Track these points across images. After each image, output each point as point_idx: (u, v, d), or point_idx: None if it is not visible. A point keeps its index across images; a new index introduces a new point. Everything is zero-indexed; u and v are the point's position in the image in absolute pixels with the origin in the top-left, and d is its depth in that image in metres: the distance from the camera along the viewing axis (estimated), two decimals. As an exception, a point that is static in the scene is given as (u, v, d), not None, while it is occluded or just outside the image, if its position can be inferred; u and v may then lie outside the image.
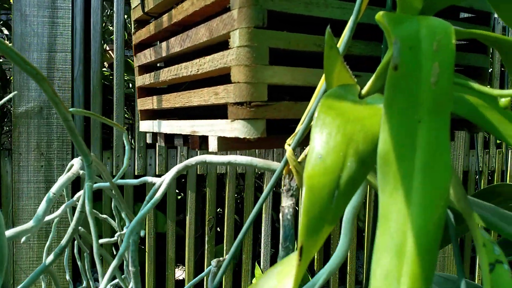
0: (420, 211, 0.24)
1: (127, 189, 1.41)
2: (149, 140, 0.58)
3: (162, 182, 0.40)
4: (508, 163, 1.68)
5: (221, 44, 0.39)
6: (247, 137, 0.36)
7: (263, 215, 1.44)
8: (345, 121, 0.30)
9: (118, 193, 0.48)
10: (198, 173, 1.42)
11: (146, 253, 1.41)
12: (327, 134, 0.29)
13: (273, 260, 1.41)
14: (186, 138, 0.46)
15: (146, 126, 0.57)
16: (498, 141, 1.66)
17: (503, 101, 0.30)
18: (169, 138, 0.51)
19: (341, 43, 0.36)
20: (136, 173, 1.45)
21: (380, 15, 0.28)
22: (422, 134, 0.26)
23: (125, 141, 0.46)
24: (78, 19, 1.42)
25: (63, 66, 1.40)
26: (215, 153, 1.23)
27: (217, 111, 0.42)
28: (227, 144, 0.38)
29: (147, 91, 0.59)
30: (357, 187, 0.29)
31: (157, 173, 1.44)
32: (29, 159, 1.38)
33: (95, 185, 0.46)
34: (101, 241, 0.51)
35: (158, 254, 1.47)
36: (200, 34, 0.41)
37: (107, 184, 0.45)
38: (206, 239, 1.45)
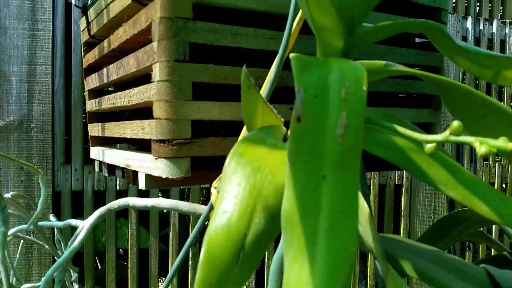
0: (322, 280, 0.22)
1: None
2: (97, 168, 0.55)
3: (84, 227, 0.37)
4: (496, 176, 1.65)
5: (149, 76, 0.36)
6: (170, 177, 0.33)
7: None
8: (256, 170, 0.27)
9: (43, 236, 0.45)
10: (181, 188, 1.39)
11: (129, 270, 1.39)
12: (235, 185, 0.27)
13: None
14: (124, 171, 0.44)
15: (94, 153, 0.55)
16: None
17: (428, 147, 0.27)
18: (112, 169, 0.49)
19: (267, 82, 0.34)
20: (118, 188, 1.42)
21: (291, 58, 0.26)
22: (327, 192, 0.23)
23: (41, 184, 0.43)
24: (58, 32, 1.40)
25: (44, 79, 1.38)
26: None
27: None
28: (155, 182, 0.36)
29: (96, 116, 0.56)
30: (268, 244, 0.26)
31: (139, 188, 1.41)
32: (8, 173, 1.36)
33: (12, 231, 0.43)
34: (25, 286, 0.48)
35: (141, 270, 1.44)
36: (130, 64, 0.38)
37: (25, 226, 0.42)
38: (190, 254, 1.42)
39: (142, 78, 0.38)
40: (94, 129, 0.54)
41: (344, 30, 0.29)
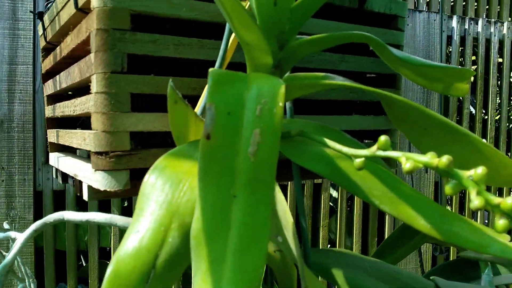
0: (229, 302, 0.21)
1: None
2: (54, 174, 0.55)
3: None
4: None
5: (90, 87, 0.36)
6: (108, 189, 0.33)
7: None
8: (176, 186, 0.27)
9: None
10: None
11: None
12: (152, 202, 0.26)
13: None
14: (73, 180, 0.44)
15: (51, 159, 0.54)
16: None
17: (357, 162, 0.27)
18: (65, 176, 0.49)
19: (203, 95, 0.33)
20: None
21: (209, 72, 0.25)
22: (237, 212, 0.23)
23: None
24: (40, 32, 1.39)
25: (25, 79, 1.37)
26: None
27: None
28: (96, 194, 0.36)
29: (53, 122, 0.56)
30: (184, 264, 0.26)
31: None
32: (-12, 173, 1.35)
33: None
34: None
35: None
36: (75, 74, 0.38)
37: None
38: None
39: (87, 88, 0.38)
40: (51, 135, 0.54)
41: (273, 45, 0.29)
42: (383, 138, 0.26)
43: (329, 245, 1.63)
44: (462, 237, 0.30)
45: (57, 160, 0.49)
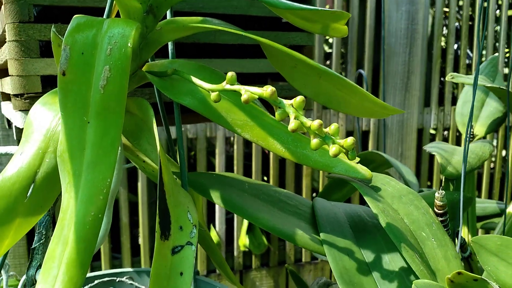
0: (81, 206, 0.27)
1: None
2: (6, 123, 0.60)
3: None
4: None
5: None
6: (26, 127, 0.38)
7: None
8: (52, 118, 0.32)
9: None
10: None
11: None
12: (34, 131, 0.31)
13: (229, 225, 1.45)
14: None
15: (2, 107, 0.59)
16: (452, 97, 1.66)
17: (213, 95, 0.32)
18: (9, 122, 0.54)
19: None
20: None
21: (73, 18, 0.30)
22: (90, 134, 0.28)
23: None
24: None
25: None
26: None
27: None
28: (19, 133, 0.41)
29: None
30: (59, 181, 0.31)
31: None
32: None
33: None
34: None
35: (112, 220, 1.51)
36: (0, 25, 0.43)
37: None
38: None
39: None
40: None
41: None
42: (229, 74, 0.31)
43: (314, 194, 1.69)
44: (312, 159, 0.34)
45: (1, 107, 0.55)
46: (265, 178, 1.57)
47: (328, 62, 1.81)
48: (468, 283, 0.27)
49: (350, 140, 0.28)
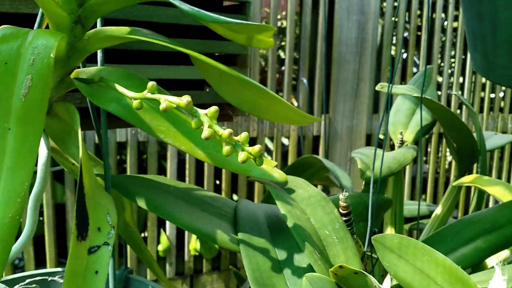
0: (0, 208, 0.28)
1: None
2: None
3: None
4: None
5: None
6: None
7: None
8: None
9: None
10: (95, 142, 1.42)
11: (45, 225, 1.42)
12: None
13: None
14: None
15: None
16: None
17: (134, 103, 0.34)
18: None
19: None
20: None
21: (-1, 29, 0.31)
22: (10, 141, 0.29)
23: None
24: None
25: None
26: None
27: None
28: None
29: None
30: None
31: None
32: None
33: None
34: None
35: (58, 226, 1.48)
36: None
37: None
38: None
39: None
40: None
41: (71, 3, 0.34)
42: (150, 83, 0.33)
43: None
44: (231, 163, 0.37)
45: None
46: (217, 182, 1.59)
47: (283, 68, 1.85)
48: (350, 276, 0.30)
49: (257, 148, 0.31)
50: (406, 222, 0.76)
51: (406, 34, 1.86)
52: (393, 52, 1.84)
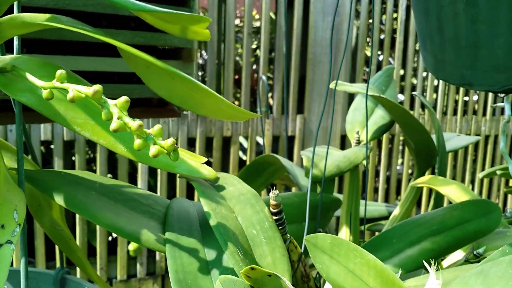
0: None
1: None
2: None
3: None
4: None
5: None
6: None
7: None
8: None
9: None
10: (65, 139, 1.38)
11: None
12: None
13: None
14: None
15: None
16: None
17: (44, 93, 0.32)
18: None
19: None
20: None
21: None
22: None
23: None
24: None
25: None
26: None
27: None
28: None
29: None
30: None
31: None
32: None
33: None
34: None
35: (28, 225, 1.44)
36: None
37: None
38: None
39: None
40: None
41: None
42: (59, 72, 0.31)
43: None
44: (154, 159, 0.35)
45: None
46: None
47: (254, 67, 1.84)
48: (264, 278, 0.28)
49: (170, 141, 0.29)
50: (368, 222, 0.75)
51: (382, 36, 1.86)
52: (368, 53, 1.84)
